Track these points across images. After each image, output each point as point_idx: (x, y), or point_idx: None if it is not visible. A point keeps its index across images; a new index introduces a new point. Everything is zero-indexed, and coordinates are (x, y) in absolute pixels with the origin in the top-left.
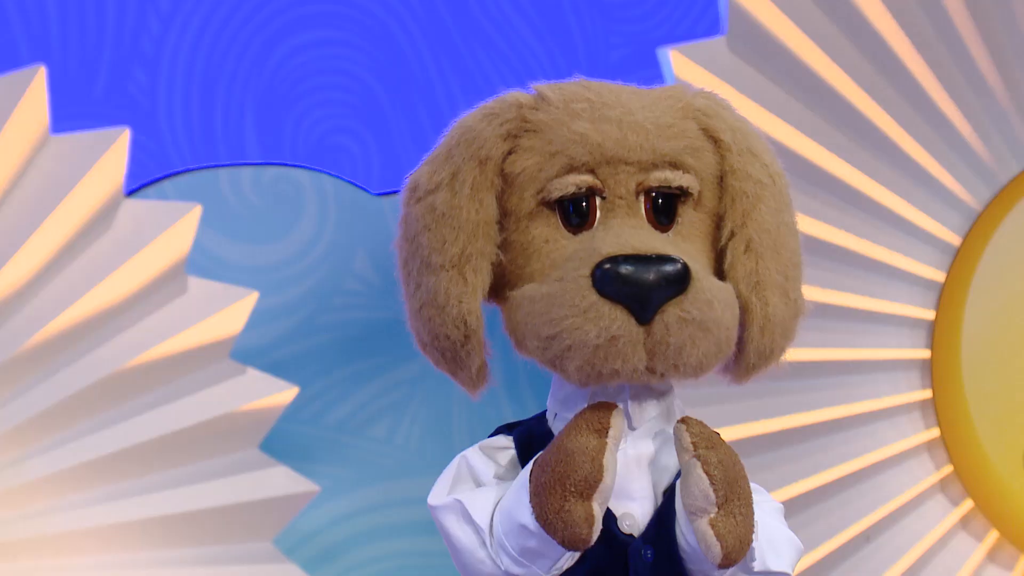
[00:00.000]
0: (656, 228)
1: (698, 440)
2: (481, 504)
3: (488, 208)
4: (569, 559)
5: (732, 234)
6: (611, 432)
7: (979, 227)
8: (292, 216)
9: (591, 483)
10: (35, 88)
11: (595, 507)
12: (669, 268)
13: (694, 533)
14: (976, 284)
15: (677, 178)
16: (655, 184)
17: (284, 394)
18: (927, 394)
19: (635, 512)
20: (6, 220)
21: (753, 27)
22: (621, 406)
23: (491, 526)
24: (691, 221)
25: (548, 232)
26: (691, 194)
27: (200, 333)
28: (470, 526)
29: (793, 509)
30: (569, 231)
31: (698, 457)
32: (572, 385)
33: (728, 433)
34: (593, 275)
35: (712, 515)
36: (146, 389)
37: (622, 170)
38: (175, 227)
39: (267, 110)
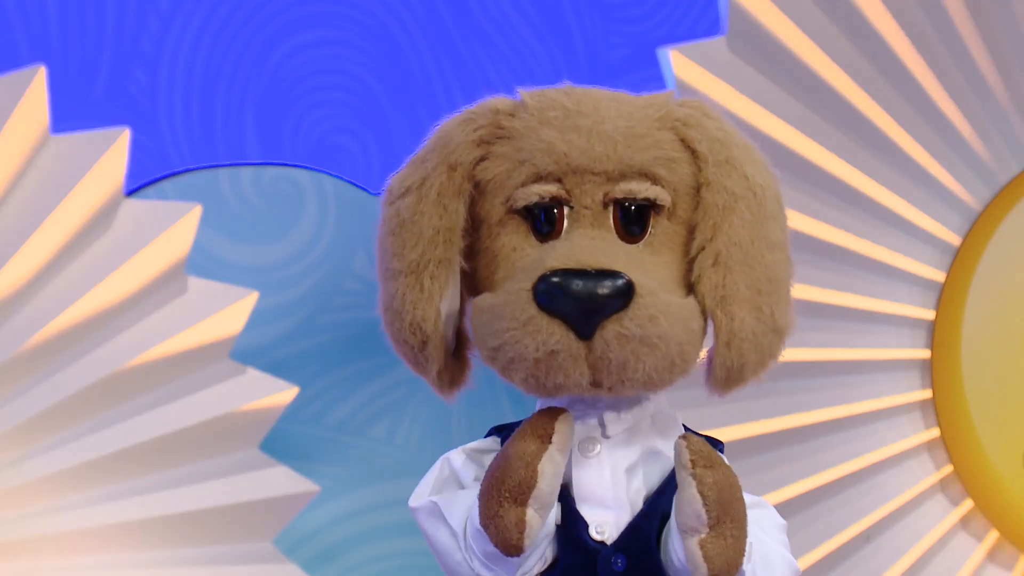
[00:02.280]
0: (625, 239)
1: (697, 458)
2: (458, 507)
3: (453, 215)
4: (539, 564)
5: (702, 247)
6: (555, 438)
7: (979, 227)
8: (292, 216)
9: (524, 488)
10: (35, 88)
11: (529, 512)
12: (610, 283)
13: (684, 551)
14: (976, 284)
15: (644, 190)
16: (620, 196)
17: (284, 394)
18: (927, 394)
19: (608, 520)
20: (6, 220)
21: (753, 27)
22: (571, 412)
23: (465, 528)
24: (664, 232)
25: (517, 240)
26: (662, 206)
27: (200, 333)
28: (446, 528)
29: (793, 509)
30: (538, 239)
31: (694, 476)
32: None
33: (728, 433)
34: (534, 288)
35: (703, 536)
36: (146, 389)
37: (588, 180)
38: (175, 227)
39: (267, 110)
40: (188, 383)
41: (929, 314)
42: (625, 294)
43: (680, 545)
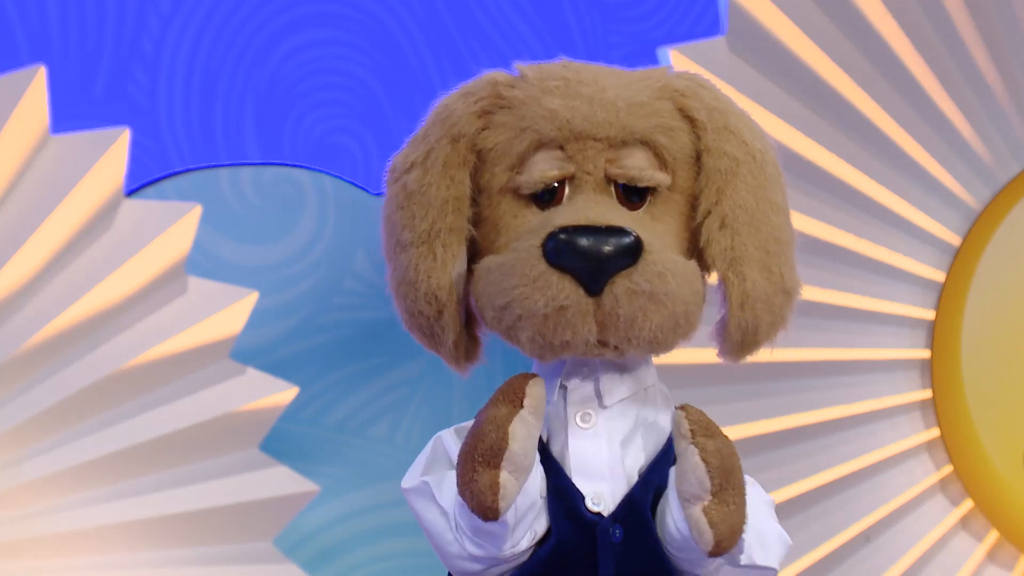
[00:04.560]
0: (626, 206)
1: (696, 428)
2: (447, 486)
3: (459, 184)
4: (528, 538)
5: (708, 212)
6: (527, 402)
7: (979, 227)
8: (292, 216)
9: (496, 451)
10: (35, 88)
11: (503, 475)
12: (619, 239)
13: (687, 520)
14: (976, 284)
15: (646, 177)
16: (623, 180)
17: (284, 394)
18: (927, 394)
19: (604, 491)
20: (6, 220)
21: (753, 27)
22: (542, 377)
23: (455, 507)
24: (664, 202)
25: (518, 208)
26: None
27: (200, 333)
28: (437, 508)
29: (793, 509)
30: (539, 207)
31: (696, 444)
32: (547, 365)
33: (728, 433)
34: (544, 245)
35: (706, 502)
36: (146, 389)
37: (590, 146)
38: (175, 227)
39: (267, 110)
40: (188, 383)
41: (929, 314)
42: (634, 250)
43: (681, 515)
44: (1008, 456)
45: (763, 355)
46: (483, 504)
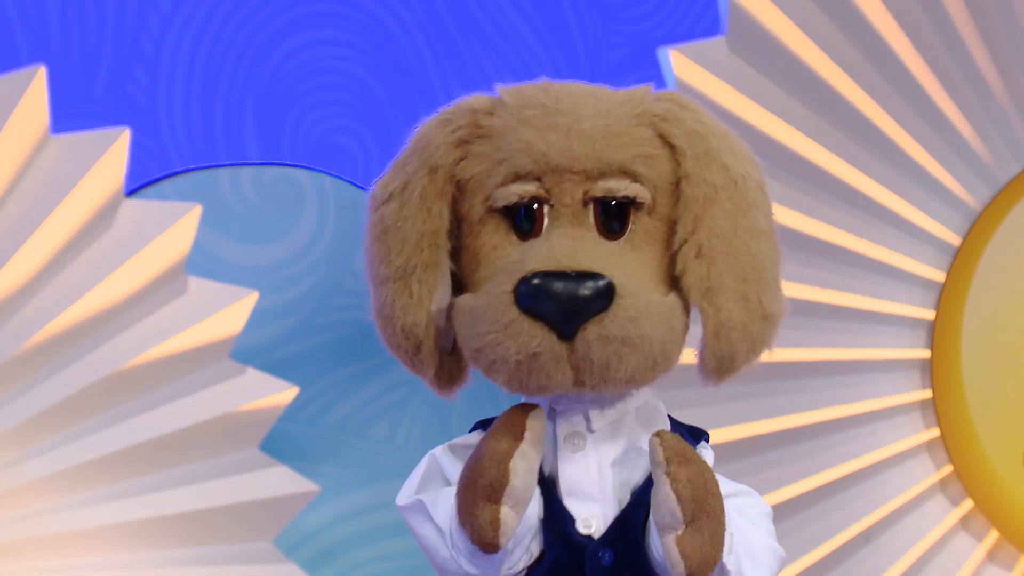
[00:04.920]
0: (605, 236)
1: (671, 455)
2: (442, 505)
3: (437, 217)
4: (524, 559)
5: (684, 240)
6: (527, 435)
7: (979, 227)
8: (292, 216)
9: (497, 487)
10: (35, 88)
11: (504, 510)
12: (591, 284)
13: (662, 548)
14: (976, 284)
15: (623, 188)
16: (600, 193)
17: (284, 394)
18: (927, 394)
19: (595, 514)
20: (6, 220)
21: (753, 27)
22: (542, 407)
23: (451, 526)
24: (645, 229)
25: (497, 239)
26: (642, 203)
27: (200, 333)
28: (432, 526)
29: (793, 509)
30: (519, 238)
31: (668, 474)
32: None
33: (728, 433)
34: (516, 291)
35: (679, 532)
36: (146, 389)
37: (568, 179)
38: (175, 227)
39: (267, 110)
40: (188, 383)
41: (929, 314)
42: (606, 295)
43: (659, 542)
44: (1008, 456)
45: (763, 355)
46: (484, 539)
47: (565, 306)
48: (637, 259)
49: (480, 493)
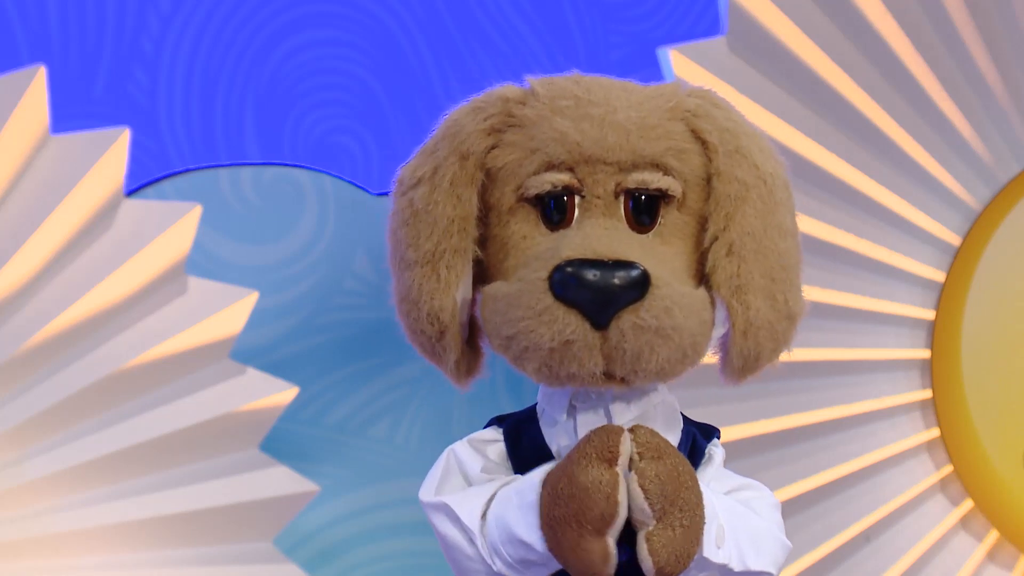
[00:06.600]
0: (636, 229)
1: (644, 451)
2: (469, 508)
3: (467, 204)
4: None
5: (715, 237)
6: (620, 460)
7: (979, 227)
8: (292, 216)
9: (607, 520)
10: (35, 88)
11: (609, 542)
12: (626, 274)
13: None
14: (976, 284)
15: (656, 180)
16: (633, 186)
17: (284, 394)
18: (927, 394)
19: None
20: (6, 220)
21: (753, 27)
22: (626, 429)
23: (481, 528)
24: (674, 223)
25: (527, 228)
26: (672, 196)
27: (200, 333)
28: (458, 527)
29: (793, 509)
30: (548, 228)
31: (636, 470)
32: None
33: (728, 433)
34: (551, 278)
35: (649, 528)
36: (146, 389)
37: (600, 170)
38: (175, 227)
39: (267, 110)
40: (188, 383)
41: (929, 314)
42: (641, 285)
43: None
44: (1008, 456)
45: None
46: (594, 571)
47: (600, 294)
48: (667, 252)
49: (588, 527)
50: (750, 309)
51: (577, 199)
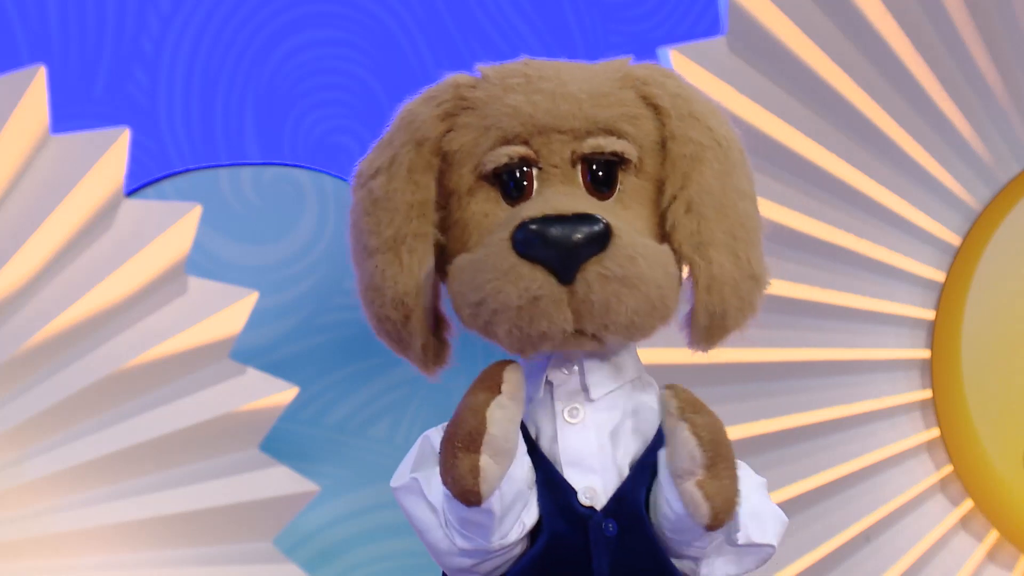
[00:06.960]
0: (595, 196)
1: (685, 405)
2: (436, 482)
3: (425, 189)
4: (516, 530)
5: (673, 197)
6: (504, 387)
7: (979, 227)
8: (292, 216)
9: (475, 436)
10: (35, 88)
11: (483, 459)
12: (589, 226)
13: (680, 497)
14: (976, 284)
15: (611, 144)
16: (588, 151)
17: (284, 394)
18: (927, 394)
19: (596, 485)
20: (6, 220)
21: (753, 27)
22: (519, 363)
23: (443, 503)
24: (633, 188)
25: (488, 207)
26: (628, 160)
27: (200, 333)
28: (427, 505)
29: (793, 509)
30: (508, 204)
31: (685, 420)
32: (532, 362)
33: (728, 433)
34: (513, 238)
35: (699, 477)
36: (146, 389)
37: (555, 139)
38: (175, 227)
39: (267, 110)
40: (188, 383)
41: (929, 314)
42: (603, 236)
43: (675, 494)
44: (1008, 456)
45: (763, 355)
46: (464, 488)
47: (563, 248)
48: (627, 216)
49: (459, 444)
50: (713, 264)
51: (535, 171)
